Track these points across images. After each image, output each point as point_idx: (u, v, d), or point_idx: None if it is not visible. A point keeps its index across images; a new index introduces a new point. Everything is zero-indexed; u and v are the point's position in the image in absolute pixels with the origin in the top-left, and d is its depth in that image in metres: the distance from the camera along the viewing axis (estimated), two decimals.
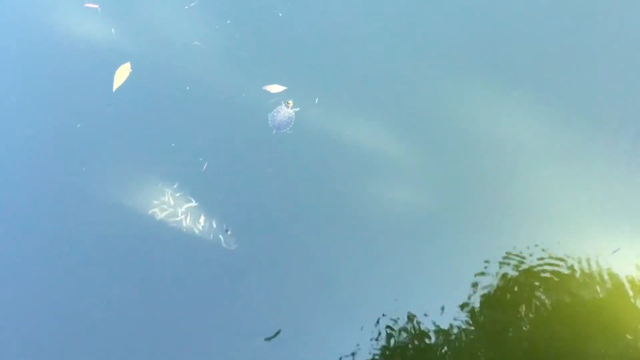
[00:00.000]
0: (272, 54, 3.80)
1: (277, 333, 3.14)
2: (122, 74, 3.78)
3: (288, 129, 3.54)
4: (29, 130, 3.78)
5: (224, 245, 3.32)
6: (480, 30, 3.76)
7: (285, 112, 3.57)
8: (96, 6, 3.99)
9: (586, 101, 3.48)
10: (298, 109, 3.60)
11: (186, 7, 3.96)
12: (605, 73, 3.53)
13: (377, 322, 3.14)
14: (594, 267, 3.13)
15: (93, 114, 3.77)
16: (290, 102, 3.60)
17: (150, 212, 3.45)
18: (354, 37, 3.78)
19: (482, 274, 3.18)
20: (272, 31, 3.87)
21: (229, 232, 3.34)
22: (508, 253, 3.20)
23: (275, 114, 3.58)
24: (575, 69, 3.57)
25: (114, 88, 3.77)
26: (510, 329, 3.06)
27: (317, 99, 3.60)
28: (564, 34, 3.68)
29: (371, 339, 3.12)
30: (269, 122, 3.57)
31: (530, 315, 3.07)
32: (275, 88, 3.65)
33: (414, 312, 3.15)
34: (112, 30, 3.95)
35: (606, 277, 3.11)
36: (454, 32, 3.76)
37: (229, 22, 3.90)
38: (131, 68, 3.80)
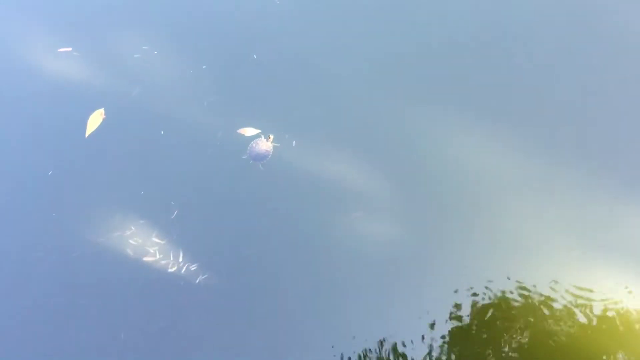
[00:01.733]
0: (247, 95, 3.83)
1: None
2: (95, 120, 3.76)
3: (265, 161, 3.55)
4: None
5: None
6: (449, 63, 3.86)
7: (264, 144, 3.59)
8: (69, 49, 4.02)
9: (555, 131, 3.55)
10: (278, 144, 3.61)
11: (155, 52, 4.02)
12: (575, 102, 3.62)
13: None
14: (567, 297, 3.12)
15: (66, 160, 3.73)
16: (271, 136, 3.61)
17: (124, 251, 3.38)
18: (327, 75, 3.85)
19: (456, 307, 3.16)
20: (247, 73, 3.91)
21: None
22: (476, 286, 3.20)
23: (254, 145, 3.60)
24: (545, 100, 3.65)
25: (87, 134, 3.74)
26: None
27: (294, 142, 3.61)
28: (533, 63, 3.79)
29: None
30: (248, 152, 3.59)
31: (504, 348, 3.04)
32: (249, 131, 3.65)
33: (385, 342, 3.12)
34: (86, 73, 3.97)
35: (579, 308, 3.09)
36: (422, 68, 3.86)
37: (204, 67, 3.95)
38: (105, 114, 3.79)
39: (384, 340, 3.13)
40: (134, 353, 3.19)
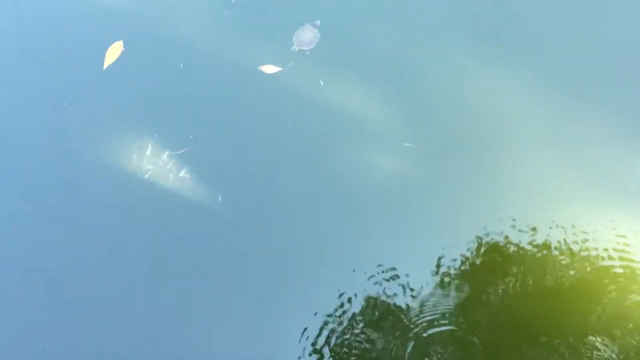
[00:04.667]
0: (271, 29, 3.80)
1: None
2: (114, 51, 3.72)
3: (311, 47, 3.59)
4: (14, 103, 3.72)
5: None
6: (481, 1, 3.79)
7: (311, 31, 3.63)
8: None
9: (584, 81, 3.50)
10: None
11: None
12: (606, 58, 3.56)
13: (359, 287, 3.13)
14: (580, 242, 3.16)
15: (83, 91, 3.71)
16: (318, 22, 3.67)
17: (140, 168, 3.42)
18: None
19: (469, 245, 3.19)
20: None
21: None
22: (492, 228, 3.21)
23: (301, 32, 3.65)
24: (576, 50, 3.58)
25: (105, 66, 3.71)
26: (491, 298, 3.07)
27: (321, 82, 3.59)
28: (569, 16, 3.71)
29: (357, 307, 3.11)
30: (294, 39, 3.64)
31: (511, 291, 3.07)
32: (270, 68, 3.63)
33: (394, 278, 3.14)
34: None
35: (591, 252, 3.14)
36: (455, 2, 3.79)
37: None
38: (123, 47, 3.74)
39: (388, 272, 3.15)
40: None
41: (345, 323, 3.08)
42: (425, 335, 3.01)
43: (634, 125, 3.35)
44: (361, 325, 3.08)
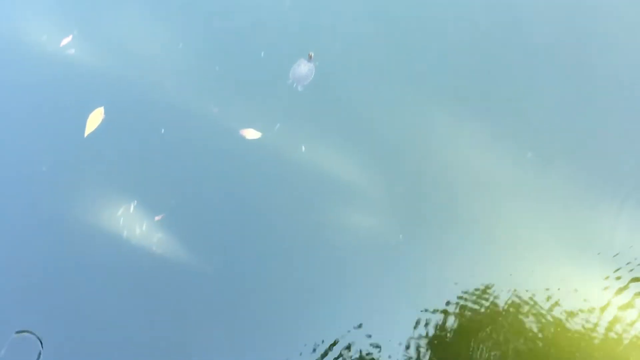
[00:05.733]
0: (250, 94, 3.84)
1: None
2: (94, 119, 3.73)
3: (307, 83, 3.63)
4: None
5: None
6: (455, 63, 3.90)
7: (306, 65, 3.67)
8: (69, 37, 3.97)
9: (556, 138, 3.62)
10: (317, 63, 3.72)
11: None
12: (579, 114, 3.69)
13: (335, 344, 3.20)
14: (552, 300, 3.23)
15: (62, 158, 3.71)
16: (311, 53, 3.70)
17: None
18: (328, 72, 3.86)
19: (444, 305, 3.25)
20: (251, 72, 3.92)
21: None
22: (466, 289, 3.28)
23: (296, 67, 3.68)
24: (548, 108, 3.70)
25: (86, 133, 3.72)
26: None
27: (303, 147, 3.65)
28: (540, 75, 3.82)
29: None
30: (290, 75, 3.68)
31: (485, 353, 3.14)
32: (251, 133, 3.67)
33: (369, 337, 3.21)
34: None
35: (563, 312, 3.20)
36: (429, 65, 3.89)
37: (217, 69, 3.94)
38: (104, 113, 3.76)
39: (369, 336, 3.21)
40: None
41: None
42: None
43: (601, 186, 3.46)
44: None
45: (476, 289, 3.28)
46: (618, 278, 3.24)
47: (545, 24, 3.98)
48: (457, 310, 3.24)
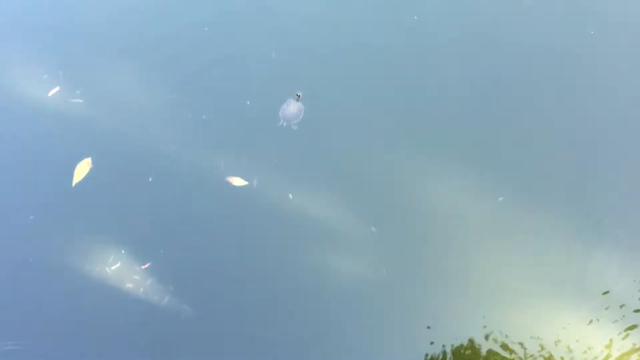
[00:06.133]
0: (237, 141, 3.90)
1: None
2: (82, 169, 3.77)
3: (297, 121, 3.68)
4: None
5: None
6: (427, 109, 3.99)
7: (295, 105, 3.74)
8: (57, 89, 4.01)
9: (533, 180, 3.70)
10: (305, 105, 3.82)
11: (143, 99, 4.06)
12: (553, 151, 3.78)
13: None
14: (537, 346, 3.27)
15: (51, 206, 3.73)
16: (300, 94, 3.78)
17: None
18: (314, 120, 3.95)
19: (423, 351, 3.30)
20: (238, 120, 3.98)
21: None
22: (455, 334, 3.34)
23: (286, 107, 3.74)
24: (524, 148, 3.80)
25: (74, 183, 3.74)
26: None
27: (290, 195, 3.70)
28: (509, 112, 3.95)
29: None
30: (280, 114, 3.74)
31: None
32: (237, 181, 3.72)
33: None
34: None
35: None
36: (403, 112, 3.97)
37: (204, 117, 3.99)
38: (92, 163, 3.80)
39: None
40: None
41: None
42: None
43: (580, 230, 3.54)
44: None
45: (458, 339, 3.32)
46: (590, 321, 3.30)
47: (519, 73, 4.11)
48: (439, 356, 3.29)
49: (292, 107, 3.81)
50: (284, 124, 3.80)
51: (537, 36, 4.20)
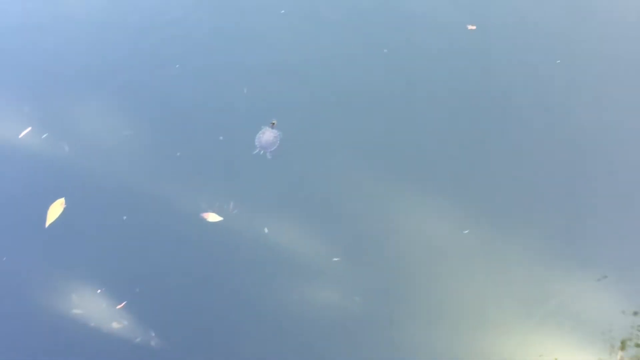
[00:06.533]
0: (212, 178, 3.94)
1: None
2: (55, 209, 3.77)
3: (273, 149, 3.72)
4: None
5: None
6: (401, 140, 4.08)
7: (270, 133, 3.79)
8: (29, 129, 4.01)
9: (509, 208, 3.79)
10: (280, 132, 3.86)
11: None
12: (528, 179, 3.88)
13: None
14: None
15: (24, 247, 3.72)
16: (275, 121, 3.83)
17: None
18: (286, 152, 4.02)
19: None
20: (212, 157, 4.03)
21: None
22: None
23: (262, 135, 3.80)
24: (500, 178, 3.90)
25: (47, 224, 3.74)
26: None
27: (266, 229, 3.74)
28: (483, 140, 4.05)
29: None
30: (256, 143, 3.79)
31: None
32: (212, 217, 3.76)
33: None
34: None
35: None
36: (377, 143, 4.06)
37: (178, 154, 4.03)
38: (65, 204, 3.80)
39: None
40: None
41: None
42: None
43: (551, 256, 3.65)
44: None
45: None
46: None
47: (486, 116, 4.25)
48: None
49: (267, 135, 3.88)
50: (261, 152, 3.85)
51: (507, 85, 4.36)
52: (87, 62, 4.43)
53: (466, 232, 3.67)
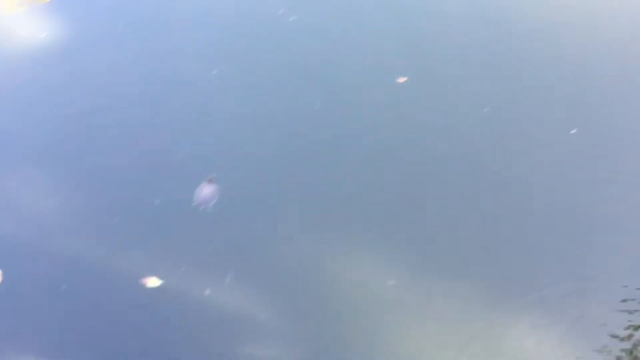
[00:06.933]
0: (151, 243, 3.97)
1: None
2: None
3: (212, 204, 3.79)
4: None
5: None
6: (342, 193, 4.21)
7: (208, 188, 3.86)
8: None
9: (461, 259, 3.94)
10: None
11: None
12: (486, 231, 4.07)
13: None
14: None
15: None
16: (212, 176, 3.90)
17: None
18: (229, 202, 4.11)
19: None
20: (151, 221, 4.09)
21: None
22: None
23: (200, 191, 3.87)
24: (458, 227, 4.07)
25: None
26: None
27: (207, 291, 3.79)
28: (437, 192, 4.24)
29: None
30: (195, 199, 3.85)
31: None
32: (152, 281, 3.81)
33: None
34: None
35: None
36: (317, 196, 4.19)
37: (116, 221, 4.05)
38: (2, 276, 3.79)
39: None
40: None
41: None
42: None
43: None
44: None
45: None
46: None
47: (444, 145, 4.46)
48: None
49: (205, 190, 3.95)
50: (201, 207, 3.93)
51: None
52: (20, 130, 4.44)
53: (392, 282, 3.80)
